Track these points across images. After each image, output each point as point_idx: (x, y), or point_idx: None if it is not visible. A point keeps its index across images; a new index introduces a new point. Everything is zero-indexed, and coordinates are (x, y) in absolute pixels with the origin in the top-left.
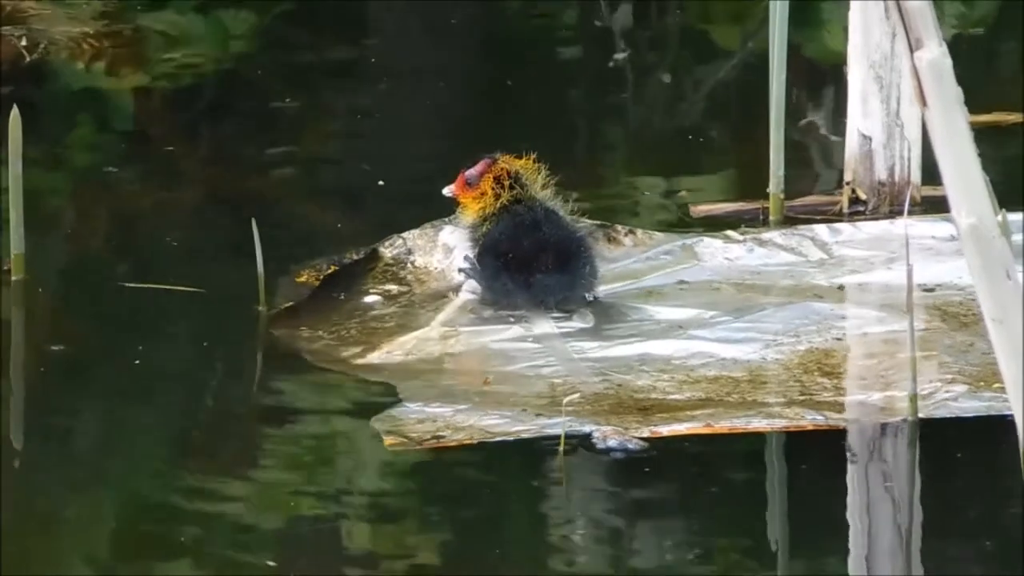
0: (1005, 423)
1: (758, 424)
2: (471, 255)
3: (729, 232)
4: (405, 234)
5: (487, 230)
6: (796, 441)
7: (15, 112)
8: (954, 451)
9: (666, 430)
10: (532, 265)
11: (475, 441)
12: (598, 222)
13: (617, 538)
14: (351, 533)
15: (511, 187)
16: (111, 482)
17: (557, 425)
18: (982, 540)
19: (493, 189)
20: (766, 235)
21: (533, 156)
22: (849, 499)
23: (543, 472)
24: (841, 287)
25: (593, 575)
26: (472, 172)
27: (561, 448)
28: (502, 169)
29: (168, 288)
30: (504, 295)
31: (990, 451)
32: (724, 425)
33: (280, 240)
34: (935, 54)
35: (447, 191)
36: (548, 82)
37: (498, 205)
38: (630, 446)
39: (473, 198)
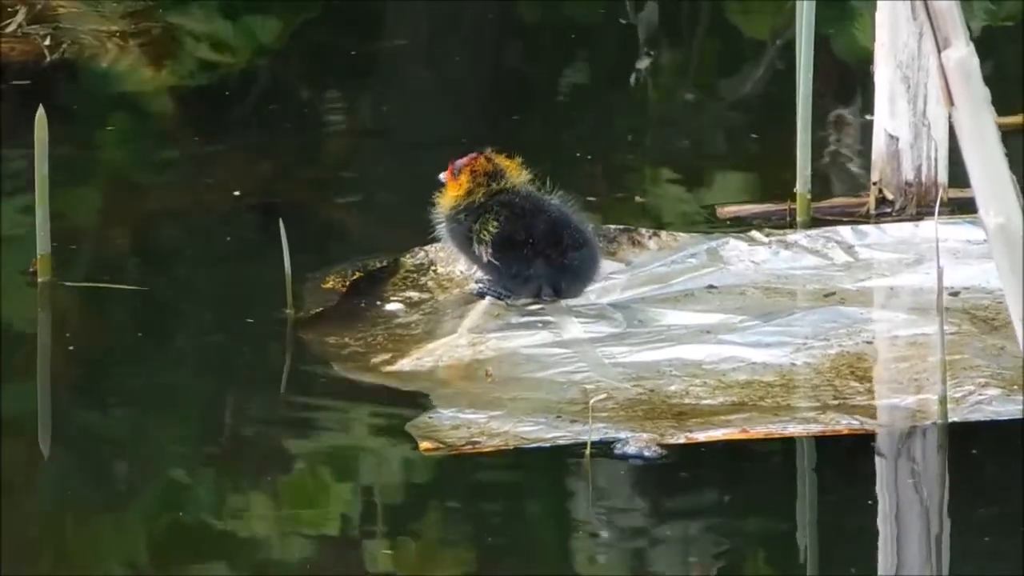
0: None
1: (794, 429)
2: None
3: (754, 233)
4: (427, 247)
5: (478, 227)
6: (824, 444)
7: (40, 112)
8: (984, 454)
9: (702, 436)
10: (559, 245)
11: (511, 447)
12: (621, 226)
13: (636, 543)
14: (383, 536)
15: (488, 182)
16: (136, 488)
17: (592, 431)
18: (1011, 541)
19: (470, 182)
20: (791, 237)
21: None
22: (879, 503)
23: (566, 477)
24: (832, 294)
25: None
26: (459, 163)
27: (588, 452)
28: (481, 164)
29: (112, 287)
30: (531, 287)
31: (1021, 454)
32: (760, 431)
33: (308, 242)
34: (962, 53)
35: (441, 177)
36: (572, 82)
37: (472, 199)
38: (647, 453)
39: (451, 188)
